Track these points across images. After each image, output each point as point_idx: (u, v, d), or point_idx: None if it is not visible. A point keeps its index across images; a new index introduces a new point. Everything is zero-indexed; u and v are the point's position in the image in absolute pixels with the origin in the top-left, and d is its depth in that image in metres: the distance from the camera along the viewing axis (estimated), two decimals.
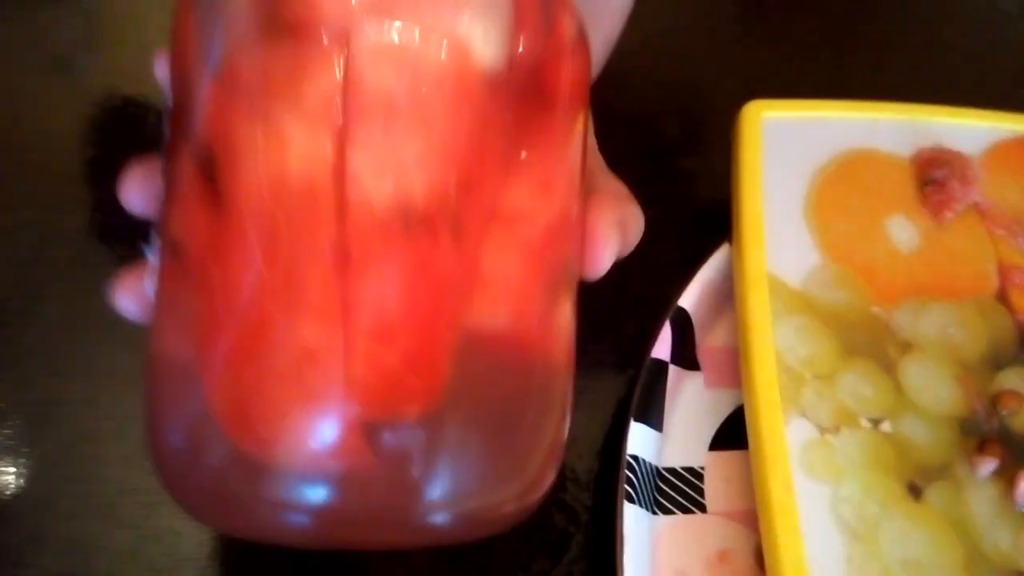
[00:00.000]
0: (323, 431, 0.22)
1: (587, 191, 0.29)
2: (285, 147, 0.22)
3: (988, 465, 0.30)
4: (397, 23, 0.22)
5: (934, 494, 0.30)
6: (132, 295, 0.26)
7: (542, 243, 0.25)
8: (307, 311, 0.22)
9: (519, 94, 0.24)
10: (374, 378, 0.22)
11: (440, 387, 0.22)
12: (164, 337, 0.24)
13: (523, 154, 0.24)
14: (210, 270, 0.23)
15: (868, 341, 0.33)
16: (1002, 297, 0.34)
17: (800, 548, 0.28)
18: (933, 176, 0.36)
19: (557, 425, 0.25)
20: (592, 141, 0.33)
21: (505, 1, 0.24)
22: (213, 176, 0.23)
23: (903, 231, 0.36)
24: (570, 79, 0.26)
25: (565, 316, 0.25)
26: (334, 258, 0.22)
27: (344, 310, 0.22)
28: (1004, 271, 0.35)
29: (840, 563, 0.28)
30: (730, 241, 0.36)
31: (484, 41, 0.23)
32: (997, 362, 0.32)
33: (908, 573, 0.28)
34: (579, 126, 0.26)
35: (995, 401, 0.31)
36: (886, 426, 0.31)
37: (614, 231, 0.28)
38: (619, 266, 0.37)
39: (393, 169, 0.22)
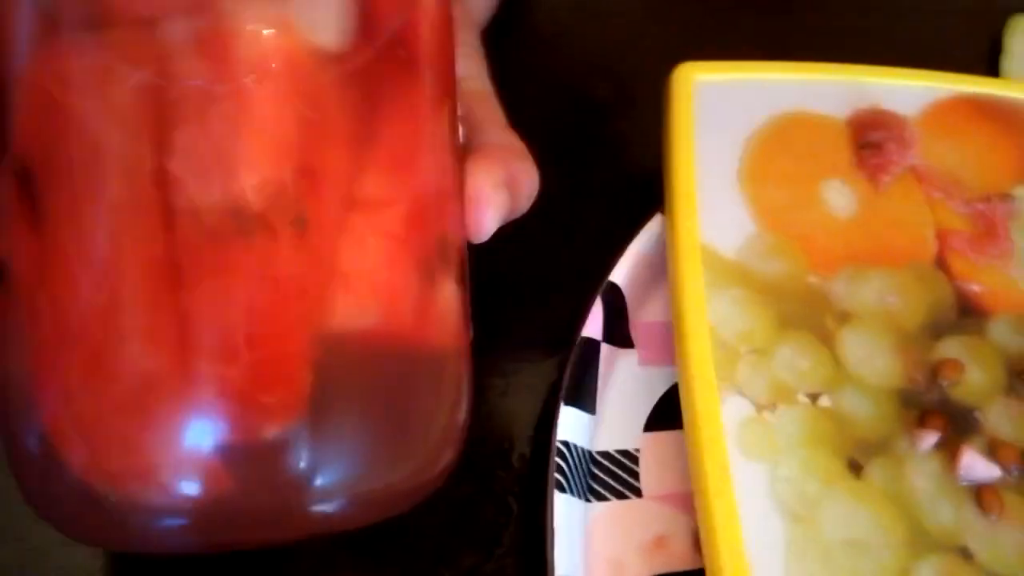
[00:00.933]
0: (173, 462, 0.20)
1: (471, 148, 0.27)
2: (99, 154, 0.20)
3: (929, 438, 0.29)
4: (214, 11, 0.20)
5: (875, 470, 0.28)
6: None
7: (408, 226, 0.23)
8: (140, 333, 0.20)
9: (370, 66, 0.22)
10: (221, 401, 0.20)
11: (299, 397, 0.21)
12: (2, 355, 0.22)
13: (377, 131, 0.22)
14: (37, 292, 0.21)
15: (805, 312, 0.31)
16: (940, 263, 0.33)
17: (738, 532, 0.27)
18: (869, 139, 0.35)
19: (451, 404, 0.24)
20: (486, 87, 0.31)
21: None
22: (30, 189, 0.21)
23: (840, 196, 0.34)
24: (431, 37, 0.24)
25: (447, 293, 0.24)
26: (164, 272, 0.20)
27: (180, 328, 0.20)
28: (942, 236, 0.33)
29: (780, 546, 0.27)
30: (663, 211, 0.34)
31: (317, 21, 0.21)
32: (936, 331, 0.31)
33: (849, 554, 0.27)
34: (445, 84, 0.24)
35: (935, 371, 0.30)
36: (824, 401, 0.30)
37: (497, 192, 0.26)
38: (546, 238, 0.36)
39: (218, 168, 0.20)
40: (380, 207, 0.22)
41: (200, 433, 0.20)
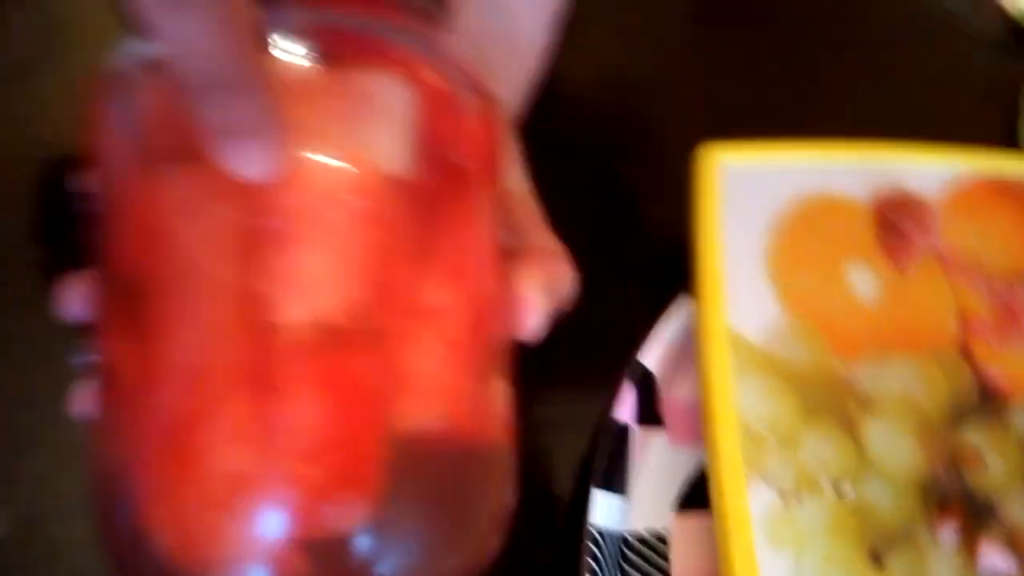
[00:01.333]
0: (255, 553, 0.22)
1: (515, 249, 0.29)
2: (194, 274, 0.22)
3: (949, 530, 0.30)
4: (299, 148, 0.22)
5: (896, 562, 0.29)
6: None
7: (464, 332, 0.25)
8: (229, 436, 0.22)
9: (428, 186, 0.24)
10: (301, 499, 0.22)
11: (373, 495, 0.23)
12: (102, 442, 0.24)
13: (436, 244, 0.24)
14: (138, 395, 0.23)
15: (829, 399, 0.33)
16: (962, 348, 0.34)
17: None
18: (893, 223, 0.36)
19: (500, 492, 0.26)
20: (524, 187, 0.33)
21: (407, 106, 0.24)
22: (132, 303, 0.23)
23: (864, 281, 0.35)
24: (479, 153, 0.26)
25: (498, 391, 0.26)
26: (251, 381, 0.22)
27: (265, 432, 0.22)
28: (965, 321, 0.34)
29: None
30: (690, 293, 0.36)
31: (388, 152, 0.23)
32: (958, 417, 0.32)
33: None
34: (490, 195, 0.27)
35: (956, 460, 0.31)
36: (848, 489, 0.31)
37: (543, 296, 0.28)
38: (576, 319, 0.37)
39: (309, 289, 0.22)
40: (441, 314, 0.24)
41: (280, 528, 0.22)
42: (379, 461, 0.23)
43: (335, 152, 0.23)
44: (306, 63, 0.23)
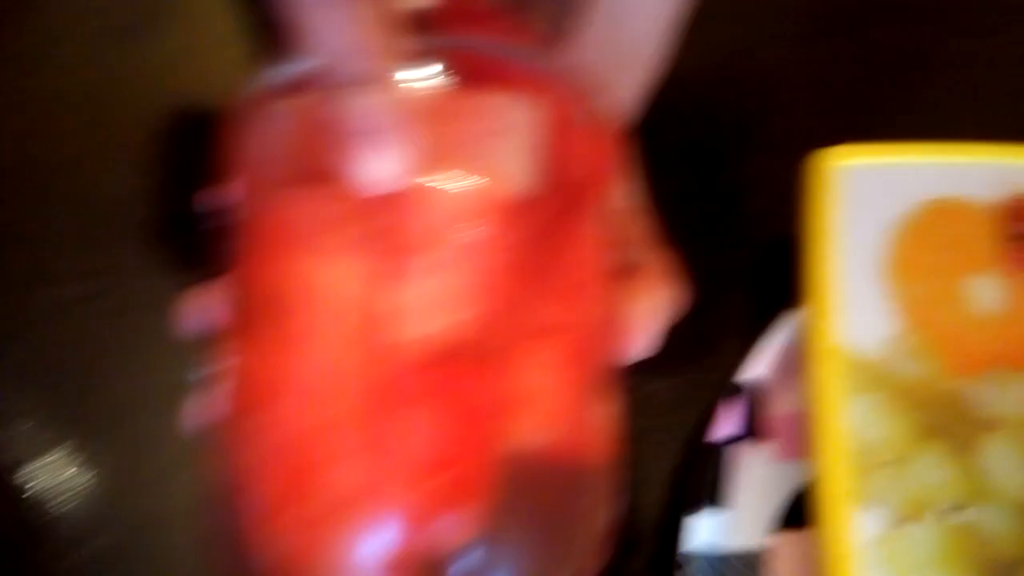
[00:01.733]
0: (366, 571, 0.23)
1: (627, 268, 0.29)
2: (320, 292, 0.23)
3: None
4: (428, 169, 0.23)
5: None
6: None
7: (576, 351, 0.25)
8: (344, 454, 0.23)
9: (547, 206, 0.25)
10: (412, 519, 0.23)
11: (482, 511, 0.23)
12: (219, 453, 0.25)
13: (552, 263, 0.25)
14: (257, 409, 0.24)
15: (947, 419, 0.31)
16: None
17: None
18: (1021, 229, 0.34)
19: (602, 512, 0.26)
20: (637, 204, 0.32)
21: (531, 128, 0.24)
22: (261, 316, 0.24)
23: (988, 291, 0.33)
24: (593, 173, 0.26)
25: (605, 411, 0.26)
26: (374, 399, 0.23)
27: (382, 451, 0.23)
28: None
29: None
30: (800, 301, 0.35)
31: (513, 173, 0.24)
32: None
33: None
34: (601, 215, 0.27)
35: None
36: (963, 516, 0.30)
37: (651, 318, 0.28)
38: (681, 327, 0.36)
39: (432, 308, 0.23)
40: (556, 333, 0.25)
41: (389, 543, 0.23)
42: (490, 478, 0.23)
43: (462, 173, 0.24)
44: (434, 86, 0.24)
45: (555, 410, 0.25)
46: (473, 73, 0.25)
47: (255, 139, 0.25)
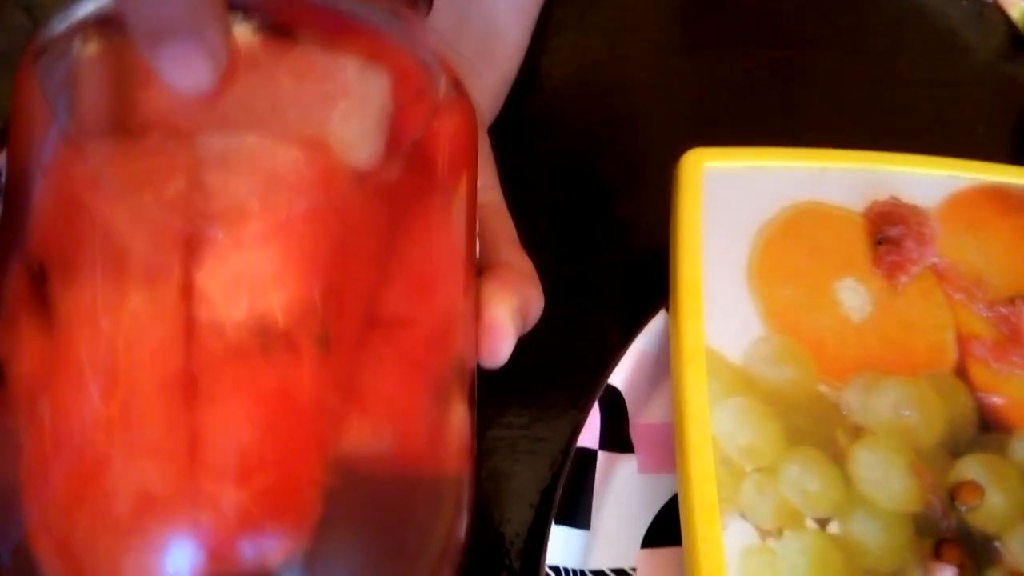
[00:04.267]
0: None
1: (485, 265, 0.27)
2: (124, 260, 0.20)
3: (945, 570, 0.27)
4: (251, 129, 0.20)
5: None
6: None
7: (427, 347, 0.22)
8: (149, 449, 0.19)
9: (397, 183, 0.22)
10: (226, 526, 0.19)
11: (305, 523, 0.20)
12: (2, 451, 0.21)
13: (402, 249, 0.22)
14: (38, 397, 0.20)
15: (815, 425, 0.30)
16: (960, 371, 0.31)
17: None
18: (887, 234, 0.33)
19: (451, 526, 0.23)
20: (498, 199, 0.31)
21: (379, 94, 0.21)
22: (44, 289, 0.20)
23: (854, 296, 0.33)
24: (454, 153, 0.23)
25: (457, 416, 0.23)
26: (180, 386, 0.19)
27: (192, 447, 0.19)
28: (963, 342, 0.32)
29: None
30: (667, 307, 0.33)
31: (352, 140, 0.21)
32: (955, 448, 0.29)
33: None
34: (463, 201, 0.24)
35: (953, 494, 0.28)
36: (833, 526, 0.28)
37: (514, 321, 0.25)
38: (544, 332, 0.34)
39: (247, 285, 0.20)
40: (402, 326, 0.22)
41: (191, 560, 0.19)
42: (316, 485, 0.20)
43: (294, 136, 0.20)
44: (273, 39, 0.21)
45: (397, 412, 0.22)
46: (322, 30, 0.22)
47: (50, 84, 0.21)
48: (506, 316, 0.25)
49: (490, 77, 0.37)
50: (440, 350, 0.23)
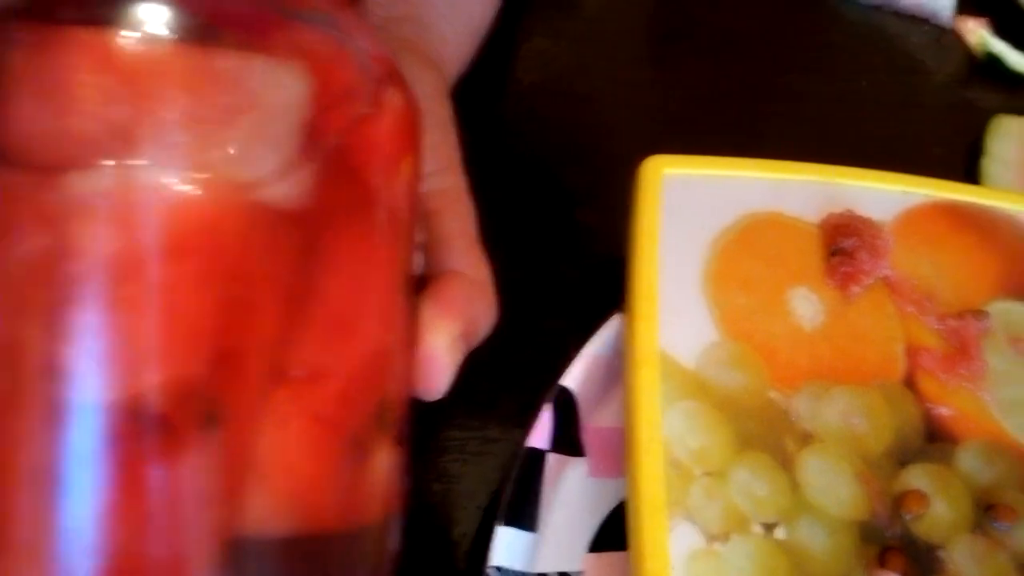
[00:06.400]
0: None
1: (431, 272, 0.25)
2: None
3: None
4: (131, 162, 0.17)
5: None
6: None
7: (341, 403, 0.20)
8: (9, 548, 0.17)
9: (310, 204, 0.19)
10: None
11: None
12: None
13: (322, 285, 0.19)
14: None
15: (765, 431, 0.30)
16: (909, 382, 0.31)
17: None
18: (841, 245, 0.34)
19: (375, 566, 0.21)
20: (457, 184, 0.28)
21: (292, 103, 0.18)
22: None
23: (807, 305, 0.33)
24: (388, 163, 0.21)
25: (379, 462, 0.21)
26: (44, 479, 0.17)
27: (57, 547, 0.17)
28: (912, 353, 0.32)
29: None
30: (622, 311, 0.33)
31: (254, 162, 0.18)
32: (902, 457, 0.30)
33: None
34: (400, 212, 0.21)
35: (899, 503, 0.29)
36: (780, 532, 0.28)
37: (455, 349, 0.23)
38: (499, 333, 0.34)
39: (118, 360, 0.17)
40: (312, 382, 0.19)
41: None
42: (208, 573, 0.18)
43: (179, 167, 0.17)
44: (163, 39, 0.17)
45: (303, 483, 0.19)
46: (229, 28, 0.18)
47: None
48: (444, 347, 0.23)
49: (457, 22, 0.34)
50: (358, 401, 0.20)
